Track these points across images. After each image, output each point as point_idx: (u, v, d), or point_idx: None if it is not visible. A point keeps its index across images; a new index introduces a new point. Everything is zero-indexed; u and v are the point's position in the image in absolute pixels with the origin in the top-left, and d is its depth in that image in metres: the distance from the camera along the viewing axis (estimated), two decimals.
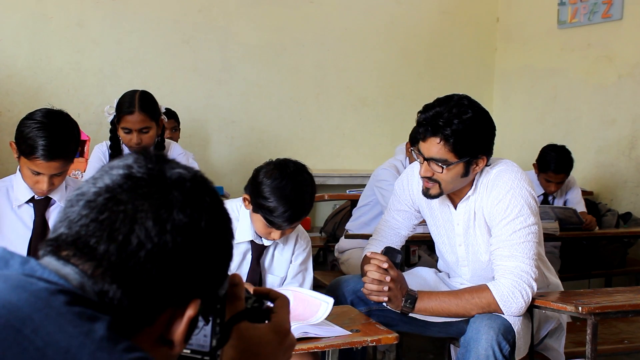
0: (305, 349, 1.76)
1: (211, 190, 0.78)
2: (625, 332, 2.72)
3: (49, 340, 0.63)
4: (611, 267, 4.07)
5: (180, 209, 0.71)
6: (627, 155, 4.74)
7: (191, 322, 0.74)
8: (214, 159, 4.76)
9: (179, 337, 0.72)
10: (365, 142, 5.32)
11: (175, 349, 0.73)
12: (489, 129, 2.10)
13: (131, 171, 0.72)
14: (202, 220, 0.73)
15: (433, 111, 2.04)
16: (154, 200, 0.70)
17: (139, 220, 0.69)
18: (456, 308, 2.07)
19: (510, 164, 2.16)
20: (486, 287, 2.04)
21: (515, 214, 2.05)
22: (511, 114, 5.66)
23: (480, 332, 1.94)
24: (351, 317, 2.01)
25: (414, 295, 2.11)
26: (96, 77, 4.38)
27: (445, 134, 2.01)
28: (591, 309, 1.91)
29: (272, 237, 1.98)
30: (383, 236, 2.44)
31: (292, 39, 5.04)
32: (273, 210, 1.90)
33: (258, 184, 1.95)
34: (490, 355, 1.91)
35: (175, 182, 0.73)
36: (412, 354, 3.48)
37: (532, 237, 2.05)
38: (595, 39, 4.97)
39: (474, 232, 2.19)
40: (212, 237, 0.74)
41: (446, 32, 5.61)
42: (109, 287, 0.69)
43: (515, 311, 2.01)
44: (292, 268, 2.14)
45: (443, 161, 2.04)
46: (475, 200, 2.16)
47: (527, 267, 2.02)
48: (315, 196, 4.28)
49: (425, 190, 2.15)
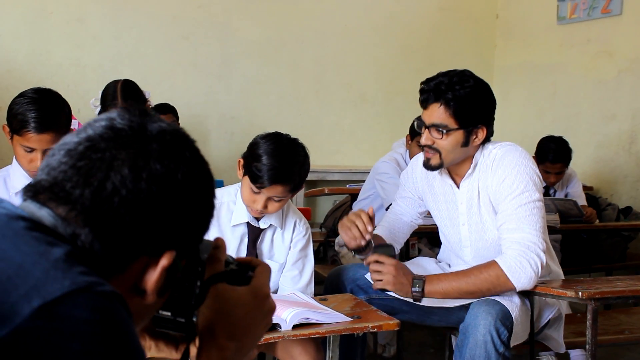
0: (307, 334, 1.76)
1: (192, 146, 0.78)
2: (626, 323, 2.71)
3: (2, 255, 0.64)
4: (611, 261, 4.07)
5: (158, 159, 0.72)
6: (627, 150, 4.74)
7: (168, 276, 0.74)
8: (214, 154, 4.75)
9: (151, 286, 0.73)
10: (365, 138, 5.32)
11: (148, 298, 0.74)
12: (489, 100, 2.15)
13: (113, 123, 0.74)
14: (179, 172, 0.73)
15: (436, 80, 2.11)
16: (132, 149, 0.71)
17: (115, 168, 0.70)
18: (466, 285, 2.04)
19: (515, 145, 2.19)
20: (494, 262, 2.03)
21: (521, 190, 2.06)
22: (511, 110, 5.67)
23: (478, 317, 1.93)
24: (352, 304, 2.01)
25: (421, 279, 2.10)
26: (96, 72, 4.38)
27: (447, 98, 2.07)
28: (591, 294, 1.91)
29: (255, 206, 1.98)
30: (386, 221, 2.46)
31: (292, 35, 5.04)
32: (260, 166, 1.93)
33: (253, 143, 2.00)
34: (488, 340, 1.90)
35: (156, 134, 0.74)
36: (413, 348, 3.48)
37: (538, 212, 2.05)
38: (595, 35, 4.97)
39: (478, 212, 2.20)
40: (189, 190, 0.74)
41: (445, 28, 5.61)
42: (81, 231, 0.70)
43: (525, 282, 1.99)
44: (291, 254, 2.14)
45: (444, 126, 2.08)
46: (479, 179, 2.18)
47: (534, 237, 2.01)
48: (315, 190, 4.34)
49: (425, 161, 2.17)
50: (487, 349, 1.91)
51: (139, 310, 0.75)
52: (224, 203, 2.09)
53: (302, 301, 1.95)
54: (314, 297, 2.06)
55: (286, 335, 1.74)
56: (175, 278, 0.77)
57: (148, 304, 0.74)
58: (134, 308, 0.71)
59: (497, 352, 1.91)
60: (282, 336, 1.73)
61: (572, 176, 4.01)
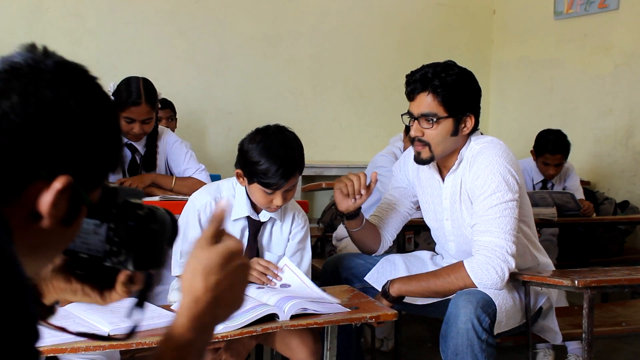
0: (305, 325, 1.76)
1: (92, 80, 0.80)
2: (623, 316, 2.72)
3: None
4: (609, 255, 4.07)
5: (49, 86, 0.75)
6: (624, 144, 4.75)
7: (73, 206, 0.77)
8: (211, 150, 4.76)
9: (45, 208, 0.75)
10: (362, 133, 5.33)
11: (44, 222, 0.76)
12: (475, 88, 2.16)
13: (12, 59, 0.77)
14: (71, 99, 0.76)
15: (421, 71, 2.12)
16: (25, 79, 0.75)
17: (6, 95, 0.73)
18: (434, 286, 2.09)
19: (494, 141, 2.17)
20: (461, 265, 2.04)
21: (493, 190, 2.05)
22: (508, 106, 5.68)
23: (459, 306, 1.93)
24: (349, 295, 2.01)
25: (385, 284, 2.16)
26: (93, 68, 4.21)
27: (434, 85, 2.07)
28: (587, 282, 1.91)
29: (274, 204, 1.98)
30: (379, 211, 2.47)
31: (289, 30, 5.04)
32: (266, 171, 1.90)
33: (245, 152, 1.97)
34: (469, 328, 1.90)
35: (52, 67, 0.77)
36: (411, 342, 3.48)
37: (510, 213, 2.04)
38: (592, 29, 4.98)
39: (460, 207, 2.20)
40: (82, 117, 0.77)
41: (443, 24, 5.62)
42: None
43: (490, 287, 2.00)
44: (289, 246, 2.14)
45: (433, 115, 2.08)
46: (461, 175, 2.18)
47: (502, 241, 2.01)
48: (313, 185, 4.33)
49: (416, 155, 2.17)
50: (469, 337, 1.90)
51: (42, 239, 0.77)
52: (224, 197, 2.08)
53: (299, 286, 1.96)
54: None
55: (284, 326, 1.74)
56: (82, 210, 0.80)
57: (47, 229, 0.76)
58: (36, 235, 0.76)
59: (479, 340, 1.90)
60: (280, 326, 1.74)
61: (569, 170, 4.01)
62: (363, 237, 2.38)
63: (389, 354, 3.32)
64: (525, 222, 2.23)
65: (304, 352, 1.94)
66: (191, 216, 2.07)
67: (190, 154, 2.85)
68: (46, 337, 1.47)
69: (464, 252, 2.20)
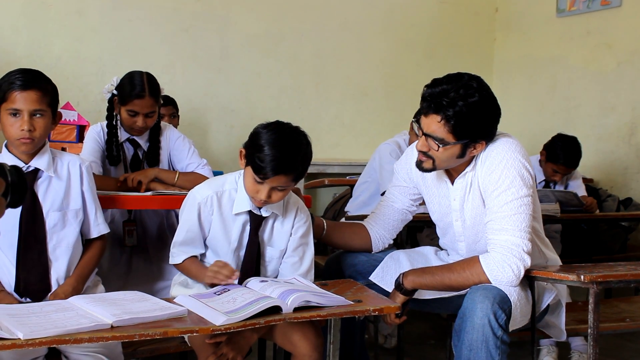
0: (308, 317, 1.75)
1: None
2: (627, 312, 2.72)
3: None
4: (612, 252, 4.06)
5: None
6: (627, 142, 4.74)
7: None
8: (214, 147, 4.76)
9: None
10: (365, 131, 5.32)
11: None
12: (493, 115, 2.07)
13: None
14: None
15: (440, 88, 2.01)
16: None
17: None
18: (449, 281, 2.05)
19: (507, 137, 2.13)
20: (477, 260, 2.02)
21: (507, 185, 2.02)
22: (511, 104, 5.66)
23: (476, 302, 1.91)
24: (353, 289, 2.01)
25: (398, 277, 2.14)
26: (95, 65, 4.38)
27: (447, 114, 1.99)
28: (593, 277, 1.90)
29: (259, 196, 1.97)
30: (378, 209, 2.46)
31: (292, 28, 5.04)
32: (263, 157, 1.90)
33: (255, 133, 1.97)
34: (485, 324, 1.89)
35: None
36: (414, 339, 3.48)
37: (525, 209, 2.01)
38: (595, 27, 4.97)
39: (471, 207, 2.18)
40: None
41: (445, 22, 5.61)
42: None
43: (505, 284, 1.98)
44: (291, 241, 2.13)
45: (440, 140, 2.03)
46: (472, 176, 2.15)
47: (518, 240, 1.98)
48: (315, 182, 4.33)
49: (418, 162, 2.14)
50: (485, 333, 1.89)
51: None
52: (226, 191, 2.07)
53: (303, 285, 1.95)
54: (314, 282, 2.05)
55: (287, 318, 1.73)
56: None
57: None
58: None
59: (495, 336, 1.89)
60: (284, 318, 1.73)
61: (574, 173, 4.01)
62: (340, 240, 2.43)
63: (392, 350, 3.31)
64: (535, 219, 2.20)
65: (306, 347, 1.93)
66: (190, 208, 2.06)
67: (193, 149, 2.84)
68: (48, 327, 1.47)
69: (475, 252, 2.18)
